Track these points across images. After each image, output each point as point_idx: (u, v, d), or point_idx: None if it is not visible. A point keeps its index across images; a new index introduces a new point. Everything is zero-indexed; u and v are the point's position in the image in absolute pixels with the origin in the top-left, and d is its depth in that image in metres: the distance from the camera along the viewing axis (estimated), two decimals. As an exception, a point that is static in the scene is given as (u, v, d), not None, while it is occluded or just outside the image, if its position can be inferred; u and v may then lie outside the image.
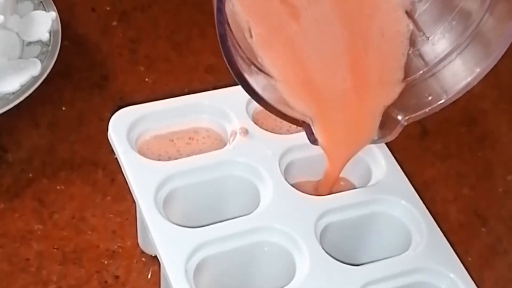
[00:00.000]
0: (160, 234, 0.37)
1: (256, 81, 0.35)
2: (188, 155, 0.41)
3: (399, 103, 0.38)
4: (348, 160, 0.39)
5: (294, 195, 0.39)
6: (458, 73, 0.38)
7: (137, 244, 0.45)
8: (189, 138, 0.42)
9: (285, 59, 0.37)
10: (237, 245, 0.37)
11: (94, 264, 0.44)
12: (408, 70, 0.39)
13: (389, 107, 0.38)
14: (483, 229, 0.49)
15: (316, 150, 0.40)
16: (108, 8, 0.59)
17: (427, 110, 0.38)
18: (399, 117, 0.38)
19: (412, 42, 0.39)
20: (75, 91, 0.53)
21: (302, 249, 0.37)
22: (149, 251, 0.45)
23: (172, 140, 0.42)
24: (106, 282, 0.44)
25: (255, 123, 0.42)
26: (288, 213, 0.38)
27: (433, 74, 0.38)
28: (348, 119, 0.38)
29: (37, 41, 0.51)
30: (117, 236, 0.46)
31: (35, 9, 0.52)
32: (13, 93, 0.48)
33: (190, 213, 0.40)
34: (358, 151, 0.39)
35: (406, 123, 0.38)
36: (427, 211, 0.40)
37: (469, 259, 0.46)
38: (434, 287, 0.37)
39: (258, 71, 0.36)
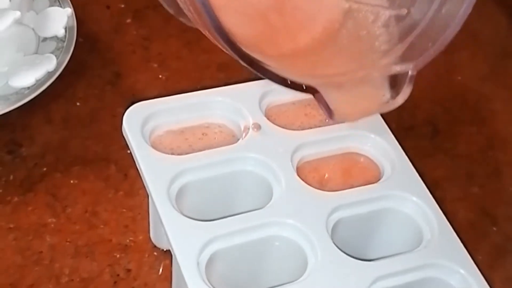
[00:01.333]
0: (173, 227, 0.37)
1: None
2: (201, 150, 0.42)
3: (403, 57, 0.37)
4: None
5: (305, 190, 0.39)
6: (449, 11, 0.37)
7: (149, 238, 0.46)
8: (202, 134, 0.43)
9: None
10: (249, 239, 0.38)
11: (106, 257, 0.45)
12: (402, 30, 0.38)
13: (394, 63, 0.37)
14: (493, 228, 0.49)
15: (327, 145, 0.41)
16: (122, 6, 0.60)
17: (432, 52, 0.37)
18: (407, 69, 0.37)
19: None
20: (88, 87, 0.54)
21: (313, 243, 0.37)
22: (160, 245, 0.45)
23: (185, 135, 0.42)
24: (118, 275, 0.44)
25: (268, 119, 0.42)
26: (300, 208, 0.39)
27: (428, 23, 0.37)
28: (355, 85, 0.37)
29: (52, 37, 0.52)
30: (129, 230, 0.46)
31: (51, 5, 0.53)
32: (28, 88, 0.49)
33: (202, 207, 0.40)
34: (375, 113, 0.38)
35: (414, 72, 0.37)
36: (438, 207, 0.40)
37: (479, 258, 0.46)
38: (444, 283, 0.37)
39: None
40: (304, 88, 0.35)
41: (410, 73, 0.37)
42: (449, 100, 0.58)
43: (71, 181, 0.48)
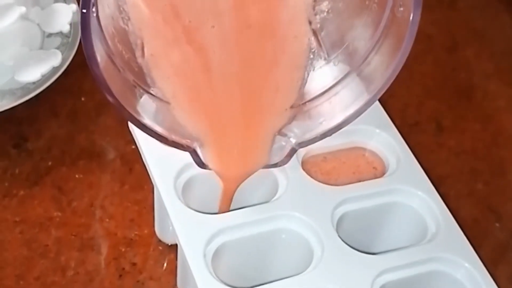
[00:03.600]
0: (179, 219, 0.37)
1: (141, 105, 0.34)
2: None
3: (292, 127, 0.37)
4: (242, 181, 0.38)
5: (312, 184, 0.40)
6: (350, 96, 0.36)
7: (154, 232, 0.46)
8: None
9: (176, 79, 0.35)
10: (255, 232, 0.38)
11: (112, 251, 0.45)
12: (302, 94, 0.37)
13: (282, 131, 0.37)
14: (497, 225, 0.49)
15: (333, 140, 0.41)
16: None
17: (318, 135, 0.37)
18: (292, 142, 0.37)
19: (311, 63, 0.37)
20: (94, 82, 0.54)
21: (319, 236, 0.37)
22: (165, 239, 0.45)
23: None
24: (123, 269, 0.44)
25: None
26: (306, 201, 0.39)
27: (327, 99, 0.37)
28: (238, 144, 0.37)
29: (57, 33, 0.52)
30: (135, 224, 0.46)
31: (56, 1, 0.53)
32: (34, 83, 0.49)
33: (208, 200, 0.40)
34: (251, 175, 0.38)
35: (298, 148, 0.37)
36: (442, 202, 0.40)
37: (483, 254, 0.46)
38: (449, 276, 0.37)
39: (145, 93, 0.35)
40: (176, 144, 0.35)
41: (293, 146, 0.37)
42: (454, 97, 0.58)
43: (77, 175, 0.48)
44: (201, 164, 0.37)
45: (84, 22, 0.30)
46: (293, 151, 0.37)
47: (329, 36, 0.36)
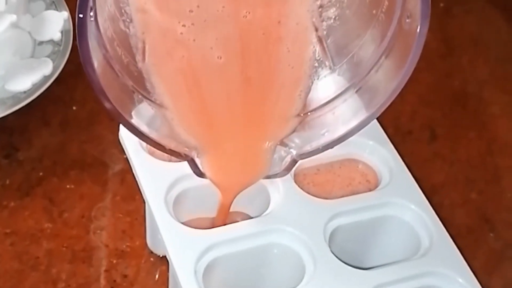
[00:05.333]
0: (170, 235, 0.37)
1: (138, 111, 0.34)
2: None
3: (294, 137, 0.37)
4: (239, 192, 0.38)
5: (304, 198, 0.39)
6: (354, 108, 0.36)
7: (146, 244, 0.45)
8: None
9: (176, 85, 0.34)
10: (246, 247, 0.37)
11: (103, 263, 0.45)
12: (306, 104, 0.36)
13: (283, 141, 0.36)
14: (491, 234, 0.49)
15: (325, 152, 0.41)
16: (119, 9, 0.59)
17: (320, 147, 0.36)
18: (293, 153, 0.36)
19: (316, 72, 0.36)
20: (85, 91, 0.53)
21: (312, 251, 0.37)
22: (157, 251, 0.45)
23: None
24: (114, 281, 0.44)
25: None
26: (298, 216, 0.38)
27: (330, 110, 0.37)
28: (238, 153, 0.36)
29: (49, 41, 0.51)
30: (126, 235, 0.46)
31: (47, 8, 0.53)
32: (25, 92, 0.48)
33: (199, 214, 0.40)
34: (250, 185, 0.38)
35: (299, 159, 0.37)
36: (435, 215, 0.40)
37: (477, 264, 0.46)
38: (443, 291, 0.37)
39: (144, 99, 0.34)
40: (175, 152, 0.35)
41: (294, 157, 0.36)
42: (448, 104, 0.57)
43: (68, 186, 0.48)
44: (200, 174, 0.36)
45: (81, 27, 0.30)
46: (293, 163, 0.37)
47: (335, 45, 0.36)
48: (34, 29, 0.51)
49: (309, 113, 0.37)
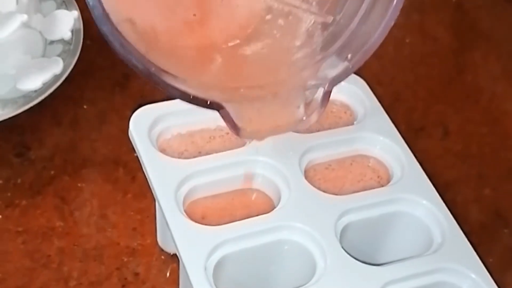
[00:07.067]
0: (180, 232, 0.37)
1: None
2: (209, 153, 0.41)
3: (321, 73, 0.35)
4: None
5: (314, 194, 0.39)
6: (373, 21, 0.34)
7: (157, 242, 0.45)
8: (210, 137, 0.42)
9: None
10: (257, 243, 0.37)
11: (114, 261, 0.45)
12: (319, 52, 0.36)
13: (309, 83, 0.35)
14: (505, 230, 0.49)
15: (336, 148, 0.40)
16: (129, 8, 0.59)
17: (350, 67, 0.34)
18: (322, 85, 0.35)
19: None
20: (96, 89, 0.54)
21: (322, 248, 0.37)
22: (168, 249, 0.45)
23: (193, 139, 0.42)
24: (126, 279, 0.44)
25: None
26: (309, 212, 0.38)
27: (348, 36, 0.36)
28: (270, 100, 0.35)
29: (59, 40, 0.51)
30: (137, 233, 0.46)
31: (57, 8, 0.53)
32: (36, 91, 0.49)
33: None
34: (285, 131, 0.36)
35: (330, 89, 0.34)
36: (448, 211, 0.39)
37: (490, 260, 0.45)
38: (455, 287, 0.37)
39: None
40: (208, 103, 0.33)
41: (325, 89, 0.34)
42: (460, 100, 0.57)
43: (79, 184, 0.48)
44: (234, 126, 0.34)
45: None
46: (329, 93, 0.35)
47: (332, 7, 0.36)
48: (44, 29, 0.51)
49: (328, 53, 0.36)
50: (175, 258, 0.44)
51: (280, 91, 0.35)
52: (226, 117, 0.33)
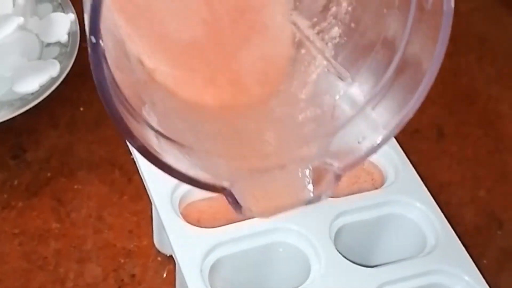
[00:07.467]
0: (175, 234, 0.37)
1: (161, 148, 0.31)
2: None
3: (331, 153, 0.33)
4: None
5: (309, 196, 0.39)
6: (391, 106, 0.33)
7: (153, 243, 0.45)
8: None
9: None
10: (252, 246, 0.37)
11: (111, 262, 0.45)
12: (327, 125, 0.34)
13: (321, 159, 0.33)
14: (499, 232, 0.49)
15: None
16: (126, 10, 0.60)
17: (363, 154, 0.32)
18: (334, 168, 0.32)
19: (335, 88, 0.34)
20: (93, 92, 0.53)
21: (317, 250, 0.37)
22: (164, 250, 0.45)
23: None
24: (122, 280, 0.44)
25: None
26: (303, 214, 0.38)
27: (361, 119, 0.33)
28: (274, 177, 0.33)
29: (56, 43, 0.52)
30: (134, 235, 0.46)
31: (54, 11, 0.53)
32: (32, 93, 0.49)
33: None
34: (290, 209, 0.34)
35: (342, 173, 0.32)
36: (441, 213, 0.40)
37: (484, 262, 0.45)
38: (448, 290, 0.37)
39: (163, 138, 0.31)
40: (212, 185, 0.31)
41: (336, 172, 0.32)
42: (455, 102, 0.57)
43: (76, 186, 0.48)
44: (238, 207, 0.32)
45: (96, 52, 0.27)
46: (337, 178, 0.33)
47: (347, 59, 0.34)
48: (41, 31, 0.52)
49: (341, 129, 0.34)
50: (171, 259, 0.44)
51: (288, 164, 0.33)
52: (229, 197, 0.32)
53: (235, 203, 0.32)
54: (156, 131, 0.31)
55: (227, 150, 0.33)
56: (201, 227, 0.38)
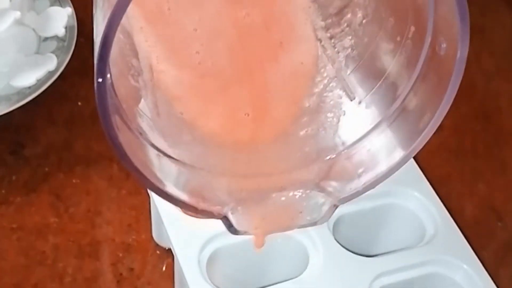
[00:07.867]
0: (173, 226, 0.37)
1: (161, 170, 0.30)
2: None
3: (330, 180, 0.33)
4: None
5: (307, 187, 0.39)
6: (390, 144, 0.32)
7: (152, 237, 0.45)
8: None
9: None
10: (249, 237, 0.37)
11: (110, 257, 0.45)
12: (335, 143, 0.33)
13: (319, 185, 0.32)
14: (499, 224, 0.49)
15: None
16: (124, 6, 0.59)
17: (360, 188, 0.32)
18: (331, 197, 0.32)
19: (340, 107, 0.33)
20: (90, 87, 0.53)
21: (315, 240, 0.37)
22: (163, 244, 0.45)
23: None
24: (121, 274, 0.44)
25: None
26: (301, 205, 0.38)
27: (364, 147, 0.33)
28: (276, 203, 0.32)
29: (53, 37, 0.51)
30: (132, 229, 0.46)
31: (51, 5, 0.53)
32: (30, 87, 0.49)
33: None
34: (287, 230, 0.33)
35: (339, 204, 0.32)
36: (440, 202, 0.39)
37: (485, 254, 0.45)
38: (448, 279, 0.37)
39: (165, 157, 0.31)
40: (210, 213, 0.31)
41: (333, 202, 0.32)
42: (454, 96, 0.57)
43: (74, 181, 0.48)
44: (235, 231, 0.32)
45: (101, 94, 0.27)
46: (333, 208, 0.32)
47: (357, 75, 0.33)
48: (38, 26, 0.52)
49: (341, 153, 0.33)
50: (170, 253, 0.44)
51: (287, 187, 0.32)
52: (226, 223, 0.32)
53: (230, 226, 0.32)
54: (159, 150, 0.30)
55: (233, 166, 0.32)
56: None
